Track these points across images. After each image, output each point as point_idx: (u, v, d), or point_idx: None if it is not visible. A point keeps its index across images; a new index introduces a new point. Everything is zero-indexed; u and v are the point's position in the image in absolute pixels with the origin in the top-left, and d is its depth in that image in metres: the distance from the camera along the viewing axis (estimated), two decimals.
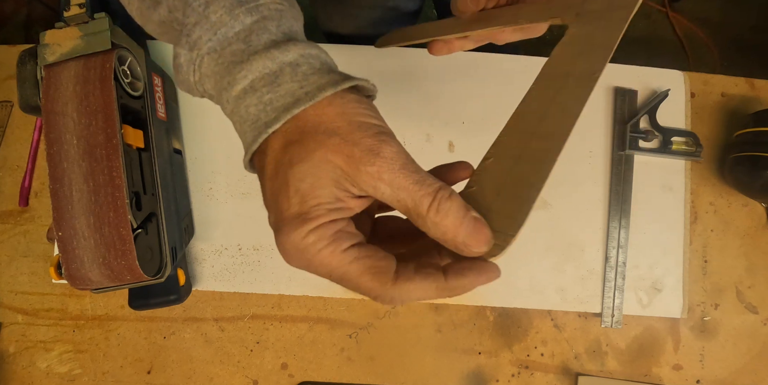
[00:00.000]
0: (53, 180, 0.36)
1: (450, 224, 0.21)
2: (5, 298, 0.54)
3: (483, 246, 0.22)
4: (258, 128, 0.23)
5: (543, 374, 0.52)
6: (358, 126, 0.21)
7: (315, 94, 0.22)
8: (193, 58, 0.24)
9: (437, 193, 0.21)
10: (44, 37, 0.39)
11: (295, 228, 0.21)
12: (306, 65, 0.23)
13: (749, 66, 1.35)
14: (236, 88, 0.23)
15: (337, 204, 0.21)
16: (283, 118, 0.22)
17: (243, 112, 0.23)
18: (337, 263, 0.21)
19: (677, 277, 0.54)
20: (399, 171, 0.21)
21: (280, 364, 0.53)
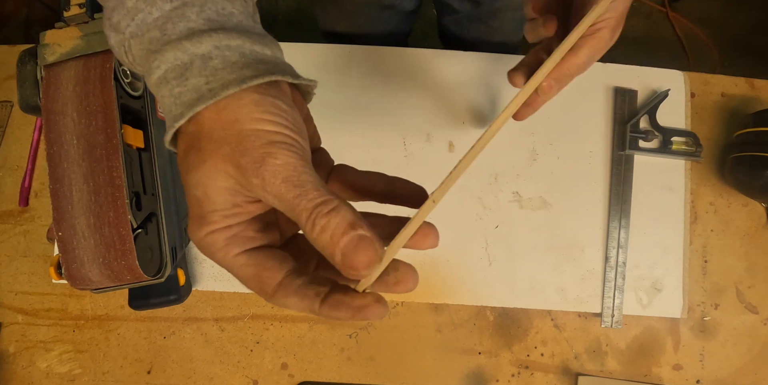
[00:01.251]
0: (53, 180, 0.36)
1: (327, 242, 0.20)
2: (5, 298, 0.54)
3: (361, 269, 0.20)
4: (170, 120, 0.22)
5: (543, 374, 0.52)
6: (248, 135, 0.21)
7: (217, 92, 0.21)
8: (121, 40, 0.24)
9: (315, 209, 0.20)
10: (44, 37, 0.39)
11: (196, 228, 0.22)
12: (219, 58, 0.22)
13: (749, 66, 1.35)
14: (153, 77, 0.23)
15: (233, 210, 0.22)
16: (187, 115, 0.21)
17: (160, 101, 0.23)
18: (228, 265, 0.23)
19: (677, 277, 0.54)
20: (281, 184, 0.20)
21: (280, 364, 0.53)
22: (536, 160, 0.56)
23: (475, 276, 0.53)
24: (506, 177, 0.55)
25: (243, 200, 0.22)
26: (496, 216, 0.54)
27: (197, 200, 0.22)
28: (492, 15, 0.69)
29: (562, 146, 0.56)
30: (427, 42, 1.34)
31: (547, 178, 0.55)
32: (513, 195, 0.55)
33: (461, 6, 0.69)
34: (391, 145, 0.56)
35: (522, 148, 0.56)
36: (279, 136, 0.21)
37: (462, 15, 0.70)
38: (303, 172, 0.21)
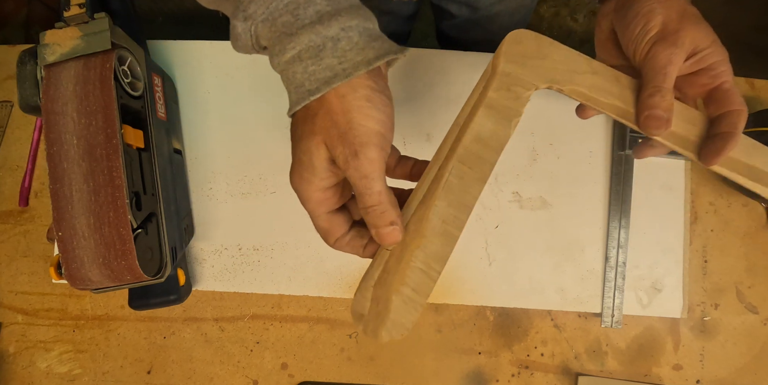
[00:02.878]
0: (53, 180, 0.36)
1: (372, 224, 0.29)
2: (5, 298, 0.54)
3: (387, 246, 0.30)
4: (302, 93, 0.27)
5: (543, 374, 0.52)
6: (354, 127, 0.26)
7: (350, 72, 0.26)
8: (248, 26, 0.28)
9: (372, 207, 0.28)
10: (44, 37, 0.39)
11: (298, 181, 0.29)
12: (345, 40, 0.27)
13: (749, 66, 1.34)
14: (286, 56, 0.27)
15: (327, 174, 0.28)
16: (324, 90, 0.26)
17: (290, 76, 0.28)
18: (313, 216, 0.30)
19: (677, 277, 0.54)
20: (359, 179, 0.27)
21: (280, 364, 0.53)
22: (536, 160, 0.56)
23: (475, 276, 0.53)
24: (506, 177, 0.55)
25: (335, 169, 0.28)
26: (496, 216, 0.54)
27: (302, 163, 0.28)
28: (490, 19, 0.69)
29: (562, 146, 0.56)
30: (427, 42, 1.34)
31: (547, 178, 0.55)
32: (513, 195, 0.55)
33: (459, 11, 0.68)
34: None
35: (522, 148, 0.56)
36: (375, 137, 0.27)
37: (460, 20, 0.70)
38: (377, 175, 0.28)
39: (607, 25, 0.38)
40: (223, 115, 0.56)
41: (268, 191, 0.55)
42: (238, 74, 0.56)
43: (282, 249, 0.54)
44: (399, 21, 0.72)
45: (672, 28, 0.33)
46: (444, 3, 0.68)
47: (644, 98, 0.33)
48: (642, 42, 0.34)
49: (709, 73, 0.34)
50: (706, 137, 0.34)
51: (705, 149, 0.33)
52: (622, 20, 0.35)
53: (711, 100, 0.34)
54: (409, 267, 0.30)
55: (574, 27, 1.43)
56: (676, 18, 0.33)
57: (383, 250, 0.31)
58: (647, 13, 0.33)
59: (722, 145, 0.32)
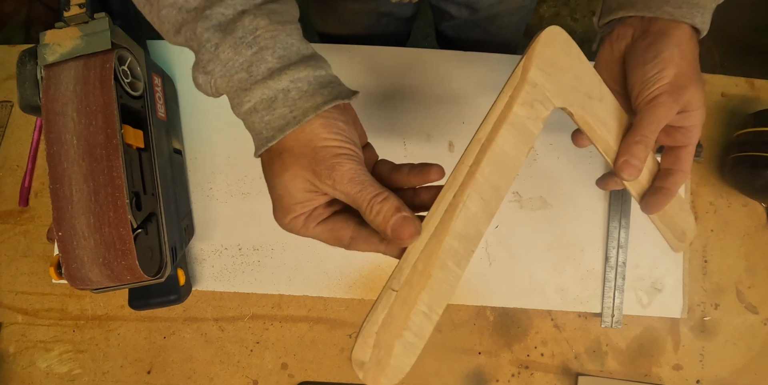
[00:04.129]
0: (53, 180, 0.36)
1: (381, 222, 0.28)
2: (5, 298, 0.54)
3: (406, 239, 0.29)
4: (261, 140, 0.30)
5: (543, 374, 0.52)
6: (321, 150, 0.29)
7: (300, 119, 0.29)
8: (208, 80, 0.31)
9: (372, 198, 0.28)
10: (44, 37, 0.39)
11: (282, 216, 0.31)
12: (294, 90, 0.29)
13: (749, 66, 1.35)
14: (244, 108, 0.30)
15: (306, 202, 0.30)
16: (278, 137, 0.29)
17: (249, 125, 0.31)
18: (311, 234, 0.32)
19: (677, 277, 0.54)
20: (347, 184, 0.28)
21: (280, 364, 0.53)
22: (536, 160, 0.56)
23: (475, 276, 0.53)
24: None
25: (313, 194, 0.30)
26: (496, 216, 0.54)
27: (281, 197, 0.30)
28: (490, 20, 0.69)
29: (562, 146, 0.56)
30: (427, 42, 1.34)
31: (547, 179, 0.55)
32: (513, 195, 0.55)
33: (459, 12, 0.68)
34: (391, 146, 0.56)
35: None
36: (343, 150, 0.29)
37: (459, 21, 0.70)
38: (362, 174, 0.29)
39: (620, 49, 0.38)
40: (223, 115, 0.56)
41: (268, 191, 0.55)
42: None
43: (282, 249, 0.54)
44: (398, 22, 0.72)
45: (681, 84, 0.34)
46: (443, 4, 0.68)
47: (630, 143, 0.35)
48: (651, 87, 0.34)
49: (684, 133, 0.36)
50: (652, 187, 0.38)
51: (650, 200, 0.38)
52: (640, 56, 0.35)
53: (671, 155, 0.37)
54: (413, 311, 0.29)
55: (575, 27, 1.43)
56: (686, 72, 0.34)
57: (387, 291, 0.30)
58: (666, 60, 0.34)
59: (663, 201, 0.37)
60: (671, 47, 0.34)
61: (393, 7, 0.67)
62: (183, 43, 0.32)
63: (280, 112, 0.29)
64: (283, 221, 0.31)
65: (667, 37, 0.35)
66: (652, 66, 0.34)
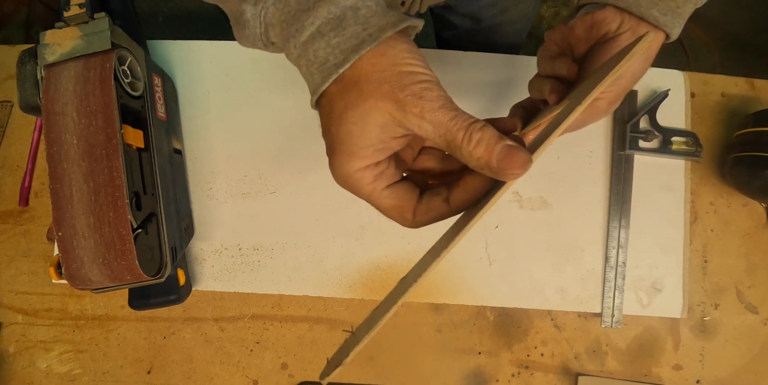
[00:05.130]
0: (53, 180, 0.36)
1: (483, 152, 0.24)
2: (5, 298, 0.54)
3: (517, 169, 0.24)
4: (328, 70, 0.25)
5: (543, 374, 0.52)
6: (406, 74, 0.25)
7: (377, 36, 0.25)
8: (258, 11, 0.26)
9: (470, 126, 0.24)
10: (44, 37, 0.39)
11: (346, 162, 0.25)
12: (364, 8, 0.26)
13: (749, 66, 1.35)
14: (305, 34, 0.26)
15: (380, 145, 0.25)
16: (352, 59, 0.24)
17: (311, 56, 0.26)
18: (375, 197, 0.27)
19: (677, 277, 0.54)
20: (438, 110, 0.24)
21: (280, 364, 0.53)
22: (536, 160, 0.55)
23: (475, 276, 0.53)
24: None
25: (390, 136, 0.25)
26: (496, 216, 0.54)
27: (351, 134, 0.25)
28: (492, 29, 0.69)
29: (562, 146, 0.56)
30: (427, 42, 1.34)
31: (547, 178, 0.55)
32: (513, 195, 0.55)
33: (462, 22, 0.68)
34: None
35: None
36: (429, 77, 0.25)
37: (462, 30, 0.70)
38: (452, 102, 0.25)
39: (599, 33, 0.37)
40: (223, 115, 0.56)
41: (268, 191, 0.55)
42: (238, 74, 0.56)
43: (282, 249, 0.54)
44: None
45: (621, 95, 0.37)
46: (446, 14, 0.68)
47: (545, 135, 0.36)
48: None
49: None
50: None
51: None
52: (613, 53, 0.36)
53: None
54: None
55: None
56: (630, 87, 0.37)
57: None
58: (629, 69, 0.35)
59: None
60: (641, 60, 0.35)
61: None
62: None
63: (351, 30, 0.25)
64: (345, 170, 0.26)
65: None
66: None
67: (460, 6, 0.65)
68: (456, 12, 0.66)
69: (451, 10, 0.66)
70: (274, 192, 0.55)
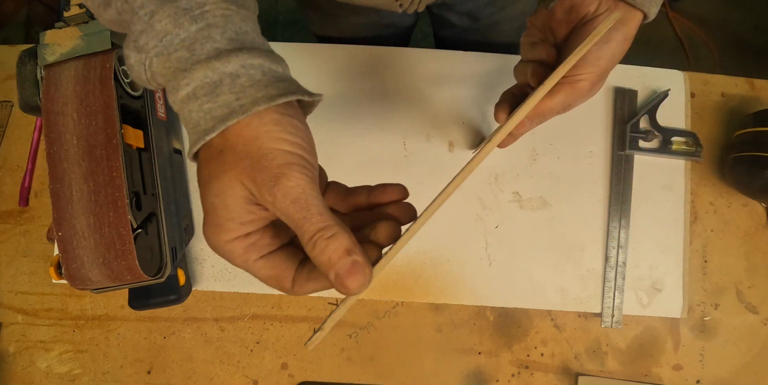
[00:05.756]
0: (53, 180, 0.36)
1: (325, 262, 0.23)
2: (5, 298, 0.54)
3: (354, 288, 0.23)
4: (198, 133, 0.24)
5: (543, 374, 0.52)
6: (267, 153, 0.23)
7: (248, 108, 0.23)
8: (142, 59, 0.25)
9: (318, 232, 0.23)
10: (44, 37, 0.39)
11: (215, 234, 0.24)
12: (245, 77, 0.24)
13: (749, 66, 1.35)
14: (180, 94, 0.25)
15: (246, 218, 0.24)
16: (219, 128, 0.23)
17: (186, 115, 0.25)
18: (249, 268, 0.25)
19: (677, 277, 0.54)
20: (290, 204, 0.23)
21: (280, 364, 0.53)
22: (536, 160, 0.56)
23: (475, 276, 0.53)
24: (506, 177, 0.55)
25: (257, 208, 0.24)
26: (496, 216, 0.54)
27: (215, 207, 0.24)
28: (490, 27, 0.69)
29: (562, 146, 0.56)
30: (427, 42, 1.34)
31: (547, 178, 0.55)
32: (513, 195, 0.55)
33: (460, 21, 0.68)
34: (390, 145, 0.56)
35: (522, 148, 0.56)
36: (294, 158, 0.23)
37: (460, 29, 0.70)
38: (310, 195, 0.23)
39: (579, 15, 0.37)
40: None
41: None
42: None
43: None
44: (399, 31, 0.72)
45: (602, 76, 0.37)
46: (444, 12, 0.68)
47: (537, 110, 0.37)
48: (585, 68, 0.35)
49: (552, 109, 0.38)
50: None
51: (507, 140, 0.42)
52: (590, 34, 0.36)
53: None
54: None
55: None
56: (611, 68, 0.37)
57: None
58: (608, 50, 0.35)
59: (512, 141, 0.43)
60: (619, 40, 0.35)
61: (395, 18, 0.67)
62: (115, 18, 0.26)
63: (224, 99, 0.24)
64: (216, 241, 0.25)
65: (623, 27, 0.35)
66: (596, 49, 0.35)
67: (458, 4, 0.65)
68: (454, 10, 0.66)
69: (448, 8, 0.66)
70: None
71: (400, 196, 0.28)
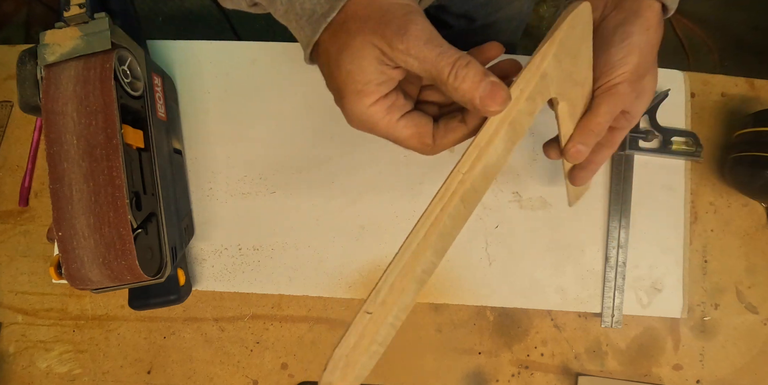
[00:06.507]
0: (53, 180, 0.36)
1: (468, 88, 0.25)
2: (5, 298, 0.54)
3: (498, 105, 0.25)
4: (317, 20, 0.26)
5: (543, 374, 0.52)
6: (388, 8, 0.25)
7: None
8: None
9: (456, 62, 0.25)
10: (44, 37, 0.39)
11: (356, 101, 0.26)
12: None
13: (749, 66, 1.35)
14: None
15: (381, 78, 0.26)
16: (338, 7, 0.25)
17: (298, 9, 0.27)
18: (392, 130, 0.28)
19: (677, 277, 0.54)
20: (423, 46, 0.24)
21: (280, 364, 0.53)
22: (536, 160, 0.56)
23: (475, 276, 0.53)
24: (506, 177, 0.55)
25: (387, 67, 0.26)
26: (496, 216, 0.54)
27: (351, 74, 0.26)
28: (487, 28, 0.69)
29: None
30: None
31: (547, 178, 0.55)
32: (513, 195, 0.55)
33: (456, 22, 0.68)
34: (390, 145, 0.55)
35: (522, 148, 0.56)
36: (412, 7, 0.25)
37: (457, 30, 0.70)
38: (438, 35, 0.25)
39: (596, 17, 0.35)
40: (223, 115, 0.56)
41: (268, 191, 0.55)
42: (238, 74, 0.56)
43: (282, 249, 0.54)
44: None
45: (641, 72, 0.34)
46: (440, 14, 0.68)
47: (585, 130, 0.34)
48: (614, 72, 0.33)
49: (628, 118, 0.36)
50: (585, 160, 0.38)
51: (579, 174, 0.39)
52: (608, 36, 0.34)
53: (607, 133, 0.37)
54: (383, 325, 0.27)
55: None
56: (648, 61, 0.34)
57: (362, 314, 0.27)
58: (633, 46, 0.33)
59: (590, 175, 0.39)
60: (641, 32, 0.33)
61: None
62: None
63: None
64: (359, 107, 0.26)
65: (638, 19, 0.33)
66: (618, 50, 0.33)
67: (454, 6, 0.65)
68: (450, 12, 0.66)
69: (445, 9, 0.66)
70: (274, 192, 0.55)
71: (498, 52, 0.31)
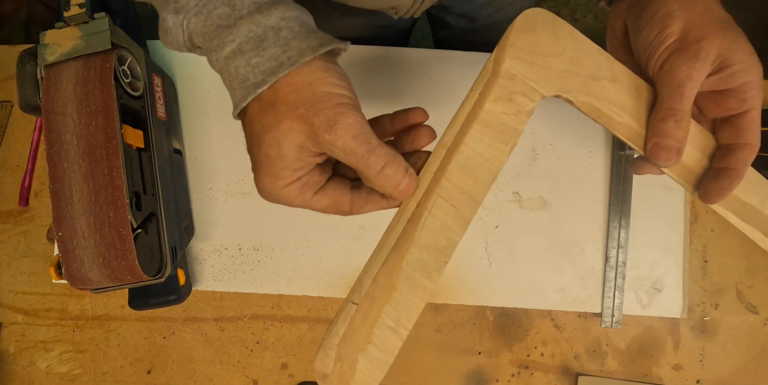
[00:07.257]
0: (53, 180, 0.36)
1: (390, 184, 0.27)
2: (5, 298, 0.54)
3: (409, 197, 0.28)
4: (247, 88, 0.26)
5: (543, 374, 0.52)
6: (321, 97, 0.25)
7: (296, 60, 0.25)
8: (180, 20, 0.26)
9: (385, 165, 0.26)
10: (44, 37, 0.39)
11: (269, 183, 0.27)
12: (286, 29, 0.26)
13: None
14: (225, 50, 0.26)
15: (298, 164, 0.26)
16: (270, 81, 0.25)
17: (233, 72, 0.26)
18: (306, 204, 0.28)
19: (677, 277, 0.54)
20: (352, 140, 0.25)
21: (280, 364, 0.53)
22: (536, 160, 0.56)
23: (475, 276, 0.53)
24: (506, 177, 0.55)
25: (308, 154, 0.26)
26: (496, 216, 0.54)
27: (270, 157, 0.26)
28: (488, 28, 0.69)
29: (562, 146, 0.56)
30: (427, 42, 1.34)
31: (547, 178, 0.55)
32: (513, 195, 0.55)
33: (457, 22, 0.68)
34: None
35: (522, 148, 0.56)
36: (346, 99, 0.25)
37: (458, 30, 0.70)
38: (368, 131, 0.26)
39: (620, 27, 0.33)
40: (223, 115, 0.56)
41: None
42: None
43: (282, 249, 0.54)
44: (397, 32, 0.72)
45: (694, 37, 0.28)
46: (442, 14, 0.68)
47: (656, 122, 0.28)
48: (657, 51, 0.29)
49: (737, 95, 0.28)
50: (710, 169, 0.30)
51: (709, 186, 0.30)
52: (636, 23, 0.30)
53: (728, 126, 0.30)
54: (377, 325, 0.27)
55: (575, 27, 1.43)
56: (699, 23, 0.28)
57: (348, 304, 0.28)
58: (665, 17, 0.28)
59: (728, 184, 0.30)
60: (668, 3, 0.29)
61: (393, 20, 0.67)
62: None
63: (271, 52, 0.25)
64: (272, 189, 0.27)
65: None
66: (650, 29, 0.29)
67: (455, 6, 0.65)
68: (451, 12, 0.66)
69: (446, 10, 0.66)
70: None
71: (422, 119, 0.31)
